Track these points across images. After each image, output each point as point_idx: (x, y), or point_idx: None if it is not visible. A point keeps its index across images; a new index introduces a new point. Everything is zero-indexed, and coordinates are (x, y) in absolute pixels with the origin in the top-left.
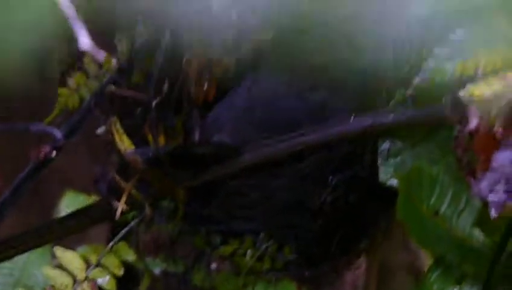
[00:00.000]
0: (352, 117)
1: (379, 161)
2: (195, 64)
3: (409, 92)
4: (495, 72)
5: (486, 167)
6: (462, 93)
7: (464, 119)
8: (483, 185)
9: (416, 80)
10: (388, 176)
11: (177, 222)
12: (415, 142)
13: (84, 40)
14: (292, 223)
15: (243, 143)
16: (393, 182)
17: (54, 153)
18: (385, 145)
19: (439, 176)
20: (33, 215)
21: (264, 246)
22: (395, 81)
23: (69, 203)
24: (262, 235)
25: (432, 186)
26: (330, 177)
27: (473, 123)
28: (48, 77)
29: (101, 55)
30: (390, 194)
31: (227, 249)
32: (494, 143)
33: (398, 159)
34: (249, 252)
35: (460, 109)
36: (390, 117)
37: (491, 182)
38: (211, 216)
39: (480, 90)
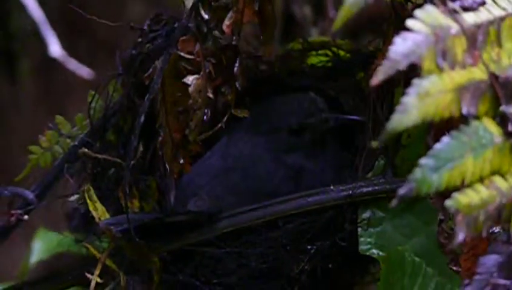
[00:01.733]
0: (331, 186)
1: (359, 231)
2: (170, 145)
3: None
4: (482, 179)
5: (473, 271)
6: (448, 203)
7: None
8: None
9: (402, 191)
10: (368, 246)
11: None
12: (396, 212)
13: (55, 48)
14: None
15: (218, 209)
16: (374, 251)
17: (26, 216)
18: (366, 215)
19: (422, 265)
20: None
21: None
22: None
23: (41, 245)
24: None
25: (414, 276)
26: (308, 246)
27: (460, 237)
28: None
29: (72, 64)
30: (369, 262)
31: None
32: (481, 248)
33: (379, 228)
34: None
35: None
36: (370, 187)
37: (477, 287)
38: (187, 283)
39: (468, 199)
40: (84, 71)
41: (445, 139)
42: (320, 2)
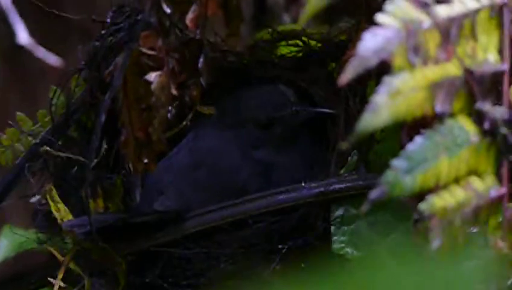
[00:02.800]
0: (302, 183)
1: (332, 229)
2: (133, 144)
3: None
4: (458, 180)
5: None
6: (422, 206)
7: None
8: None
9: (373, 195)
10: (342, 245)
11: None
12: (370, 209)
13: (23, 35)
14: None
15: (186, 207)
16: (347, 250)
17: None
18: (338, 212)
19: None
20: None
21: None
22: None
23: (7, 243)
24: None
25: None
26: (279, 245)
27: (436, 243)
28: None
29: (40, 52)
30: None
31: None
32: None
33: (352, 226)
34: None
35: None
36: (343, 184)
37: None
38: (153, 285)
39: (443, 201)
40: (52, 59)
41: (418, 139)
42: None
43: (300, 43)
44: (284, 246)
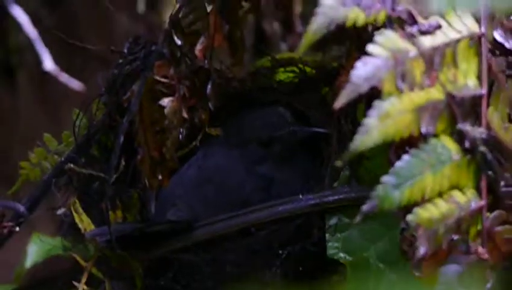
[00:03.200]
0: (300, 195)
1: (327, 236)
2: (148, 162)
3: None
4: (441, 194)
5: (434, 277)
6: (409, 218)
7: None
8: None
9: (366, 208)
10: (336, 250)
11: None
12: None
13: (48, 63)
14: None
15: (195, 218)
16: (341, 255)
17: (17, 228)
18: (332, 221)
19: (386, 271)
20: None
21: None
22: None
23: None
24: None
25: (378, 281)
26: (280, 251)
27: (422, 250)
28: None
29: (64, 77)
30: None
31: None
32: (441, 254)
33: (345, 234)
34: None
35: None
36: (337, 196)
37: None
38: (167, 288)
39: (428, 213)
40: (75, 84)
41: (406, 157)
42: (289, 18)
43: (296, 70)
44: (283, 251)
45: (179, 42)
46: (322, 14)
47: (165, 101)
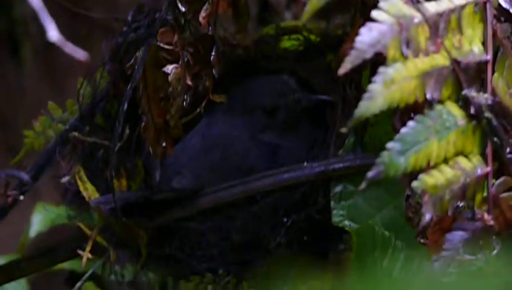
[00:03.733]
0: (305, 163)
1: (332, 204)
2: (152, 129)
3: None
4: (447, 160)
5: (439, 244)
6: (415, 184)
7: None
8: (437, 266)
9: (370, 174)
10: (341, 218)
11: (141, 262)
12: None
13: (53, 33)
14: (248, 261)
15: (200, 186)
16: (346, 223)
17: (22, 196)
18: (337, 189)
19: (392, 239)
20: None
21: (223, 282)
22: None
23: (40, 218)
24: (220, 271)
25: (384, 249)
26: (285, 219)
27: (427, 217)
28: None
29: (68, 47)
30: (344, 232)
31: (189, 285)
32: (446, 221)
33: (350, 201)
34: (209, 287)
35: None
36: (341, 163)
37: (445, 263)
38: (173, 256)
39: (434, 179)
40: (80, 54)
41: (411, 123)
42: None
43: (301, 38)
44: (288, 219)
45: (183, 9)
46: None
47: (169, 68)
